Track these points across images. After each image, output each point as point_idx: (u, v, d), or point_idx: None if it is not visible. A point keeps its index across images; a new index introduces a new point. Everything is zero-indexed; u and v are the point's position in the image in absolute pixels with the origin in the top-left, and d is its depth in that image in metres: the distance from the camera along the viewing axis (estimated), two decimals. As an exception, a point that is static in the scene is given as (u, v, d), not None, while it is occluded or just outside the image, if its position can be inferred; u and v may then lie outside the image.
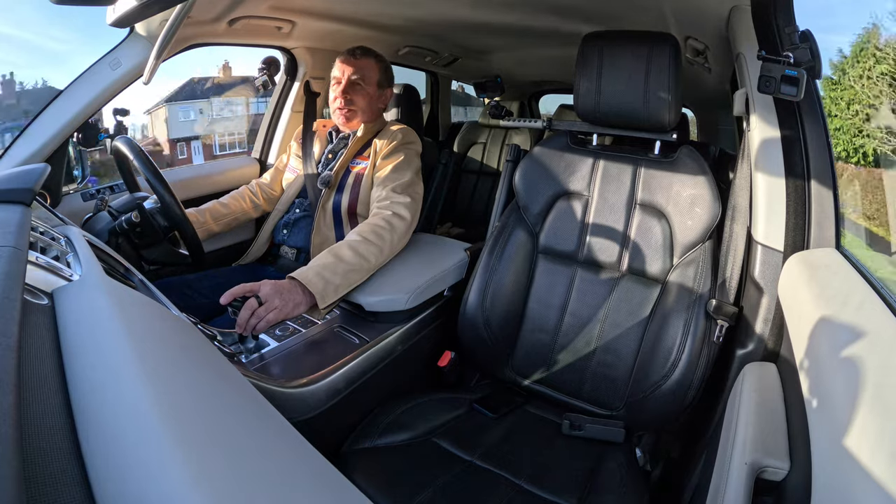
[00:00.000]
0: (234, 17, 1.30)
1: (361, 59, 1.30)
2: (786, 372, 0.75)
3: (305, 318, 1.02)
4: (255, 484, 0.30)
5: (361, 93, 1.30)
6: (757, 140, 0.89)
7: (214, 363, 0.51)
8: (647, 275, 1.04)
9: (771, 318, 0.84)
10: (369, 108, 1.32)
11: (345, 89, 1.29)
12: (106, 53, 1.19)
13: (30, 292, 0.40)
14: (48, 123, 1.14)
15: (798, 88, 0.76)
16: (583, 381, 1.06)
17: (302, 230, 1.33)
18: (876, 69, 5.40)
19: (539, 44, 1.86)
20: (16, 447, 0.22)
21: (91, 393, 0.31)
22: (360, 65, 1.29)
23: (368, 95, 1.31)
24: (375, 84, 1.32)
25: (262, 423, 0.41)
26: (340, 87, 1.29)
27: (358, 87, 1.29)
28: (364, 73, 1.29)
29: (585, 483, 0.86)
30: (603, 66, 1.03)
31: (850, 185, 4.79)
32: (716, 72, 1.41)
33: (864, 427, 0.42)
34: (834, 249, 0.81)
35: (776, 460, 0.60)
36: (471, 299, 1.11)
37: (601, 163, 1.10)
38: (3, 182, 0.55)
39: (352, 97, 1.29)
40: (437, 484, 0.82)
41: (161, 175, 1.07)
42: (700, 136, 2.61)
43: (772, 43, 0.84)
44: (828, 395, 0.50)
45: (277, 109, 1.77)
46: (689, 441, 0.98)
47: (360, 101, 1.30)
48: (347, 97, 1.29)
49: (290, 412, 0.82)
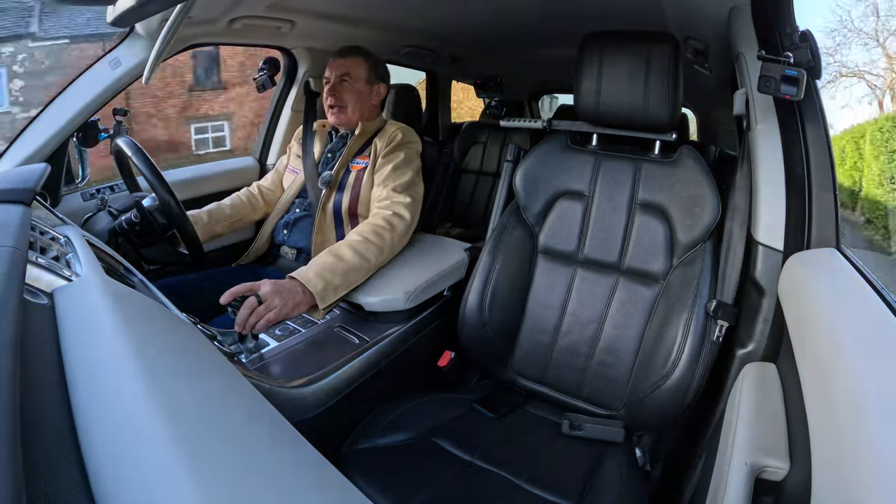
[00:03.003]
0: (233, 17, 1.30)
1: (348, 57, 1.32)
2: (786, 372, 0.75)
3: (305, 318, 1.02)
4: (254, 484, 0.30)
5: (349, 89, 1.30)
6: (757, 140, 0.89)
7: (214, 363, 0.51)
8: (647, 275, 1.04)
9: (771, 318, 0.84)
10: (359, 104, 1.33)
11: (332, 87, 1.30)
12: (106, 53, 1.19)
13: (30, 292, 0.40)
14: (48, 123, 1.14)
15: (798, 88, 0.76)
16: (582, 381, 1.06)
17: (302, 230, 1.33)
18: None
19: (539, 44, 1.86)
20: (16, 448, 0.22)
21: (91, 393, 0.31)
22: (346, 63, 1.31)
23: (356, 91, 1.31)
24: (363, 80, 1.32)
25: (262, 423, 0.41)
26: (329, 86, 1.31)
27: (345, 83, 1.30)
28: (350, 70, 1.30)
29: (585, 483, 0.86)
30: (603, 66, 1.03)
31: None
32: (716, 72, 1.41)
33: (864, 427, 0.42)
34: (834, 249, 0.81)
35: (776, 460, 0.60)
36: (471, 299, 1.11)
37: (601, 163, 1.10)
38: (3, 182, 0.55)
39: (340, 94, 1.30)
40: (436, 484, 0.82)
41: (161, 175, 1.07)
42: (700, 136, 2.61)
43: (772, 43, 0.84)
44: (828, 395, 0.50)
45: (277, 109, 1.77)
46: (689, 441, 0.98)
47: (347, 97, 1.31)
48: (336, 94, 1.30)
49: (290, 412, 0.82)
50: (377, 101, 1.37)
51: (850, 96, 8.35)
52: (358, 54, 1.33)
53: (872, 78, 7.85)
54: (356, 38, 1.58)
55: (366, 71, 1.33)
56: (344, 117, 1.33)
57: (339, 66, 1.30)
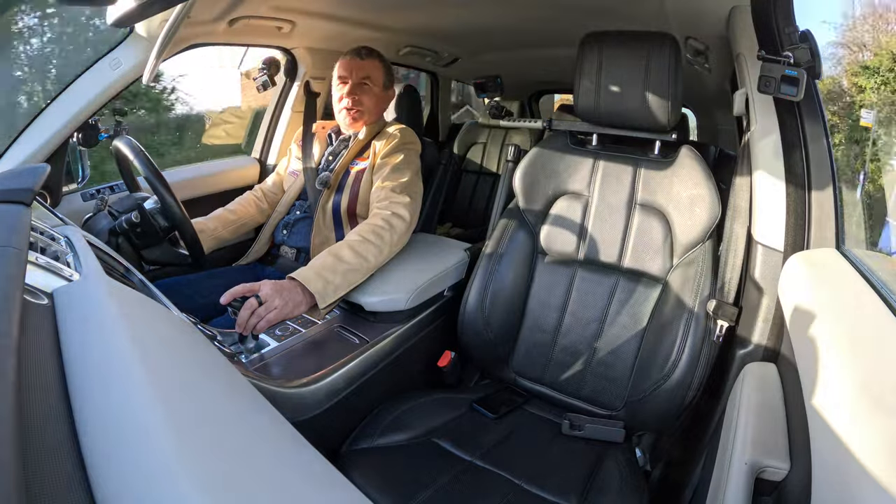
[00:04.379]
0: (234, 18, 1.30)
1: (367, 59, 1.30)
2: (786, 372, 0.75)
3: (305, 318, 1.02)
4: (255, 484, 0.30)
5: (369, 93, 1.30)
6: (757, 140, 0.89)
7: (214, 363, 0.51)
8: (647, 275, 1.03)
9: (771, 318, 0.84)
10: (376, 108, 1.33)
11: (352, 89, 1.28)
12: (106, 53, 1.19)
13: (30, 292, 0.40)
14: (48, 123, 1.14)
15: (798, 88, 0.76)
16: (583, 381, 1.06)
17: (302, 230, 1.33)
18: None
19: (539, 44, 1.86)
20: (16, 448, 0.22)
21: (91, 393, 0.31)
22: (366, 65, 1.29)
23: (375, 96, 1.31)
24: (381, 85, 1.32)
25: (262, 423, 0.41)
26: (348, 87, 1.29)
27: (366, 87, 1.29)
28: (371, 73, 1.30)
29: (585, 483, 0.86)
30: (603, 66, 1.03)
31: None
32: (716, 72, 1.41)
33: (864, 427, 0.42)
34: (834, 249, 0.81)
35: (776, 460, 0.60)
36: (471, 299, 1.11)
37: (601, 163, 1.10)
38: (3, 182, 0.55)
39: (360, 97, 1.29)
40: (436, 484, 0.82)
41: (161, 175, 1.07)
42: (700, 136, 2.61)
43: (772, 43, 0.84)
44: (828, 395, 0.50)
45: (277, 110, 1.77)
46: (689, 441, 0.98)
47: (368, 102, 1.30)
48: (356, 97, 1.29)
49: (290, 412, 0.82)
50: (387, 105, 1.37)
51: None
52: (375, 57, 1.32)
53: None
54: (356, 38, 1.58)
55: (383, 75, 1.32)
56: (360, 121, 1.32)
57: (359, 67, 1.28)
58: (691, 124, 2.53)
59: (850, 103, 3.71)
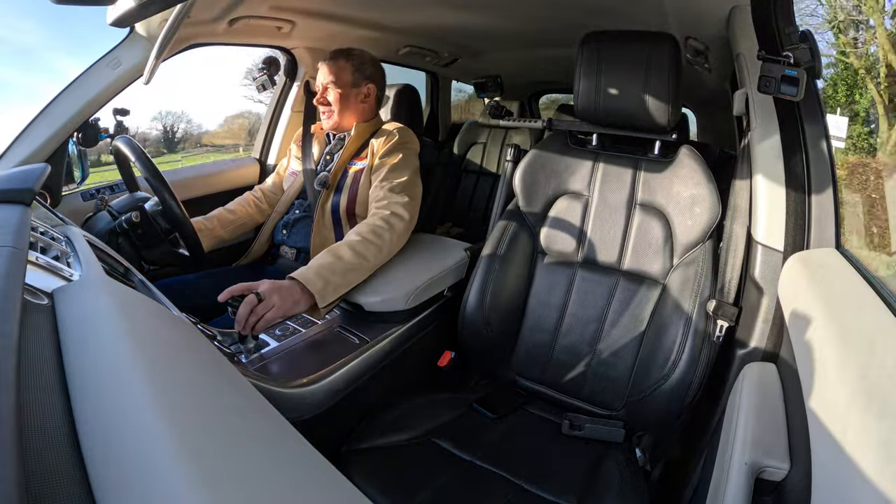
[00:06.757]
0: (234, 17, 1.30)
1: (331, 62, 1.34)
2: (786, 372, 0.75)
3: (305, 318, 1.02)
4: (254, 484, 0.30)
5: (334, 93, 1.33)
6: (757, 140, 0.89)
7: (214, 363, 0.51)
8: (647, 275, 1.03)
9: (771, 318, 0.84)
10: (346, 106, 1.34)
11: (322, 91, 1.34)
12: (106, 53, 1.19)
13: (30, 292, 0.40)
14: (48, 123, 1.14)
15: (798, 88, 0.76)
16: (583, 381, 1.06)
17: (301, 230, 1.34)
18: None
19: (539, 44, 1.86)
20: (16, 448, 0.22)
21: (91, 393, 0.31)
22: (332, 67, 1.33)
23: (340, 94, 1.33)
24: (348, 84, 1.34)
25: (262, 424, 0.41)
26: (319, 90, 1.34)
27: (330, 88, 1.33)
28: (335, 74, 1.32)
29: (585, 483, 0.86)
30: (602, 66, 1.02)
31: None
32: (716, 72, 1.41)
33: (864, 427, 0.42)
34: (834, 249, 0.81)
35: (776, 460, 0.60)
36: (471, 299, 1.11)
37: (601, 163, 1.10)
38: (3, 182, 0.55)
39: (326, 98, 1.34)
40: (436, 484, 0.82)
41: (161, 175, 1.07)
42: (700, 136, 2.61)
43: (772, 43, 0.84)
44: (828, 395, 0.50)
45: (277, 110, 1.77)
46: (689, 441, 0.98)
47: (333, 102, 1.34)
48: (323, 98, 1.34)
49: (290, 412, 0.82)
50: (367, 101, 1.37)
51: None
52: (341, 57, 1.34)
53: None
54: (356, 39, 1.58)
55: (350, 73, 1.34)
56: (333, 121, 1.35)
57: (325, 71, 1.33)
58: (691, 124, 2.53)
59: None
